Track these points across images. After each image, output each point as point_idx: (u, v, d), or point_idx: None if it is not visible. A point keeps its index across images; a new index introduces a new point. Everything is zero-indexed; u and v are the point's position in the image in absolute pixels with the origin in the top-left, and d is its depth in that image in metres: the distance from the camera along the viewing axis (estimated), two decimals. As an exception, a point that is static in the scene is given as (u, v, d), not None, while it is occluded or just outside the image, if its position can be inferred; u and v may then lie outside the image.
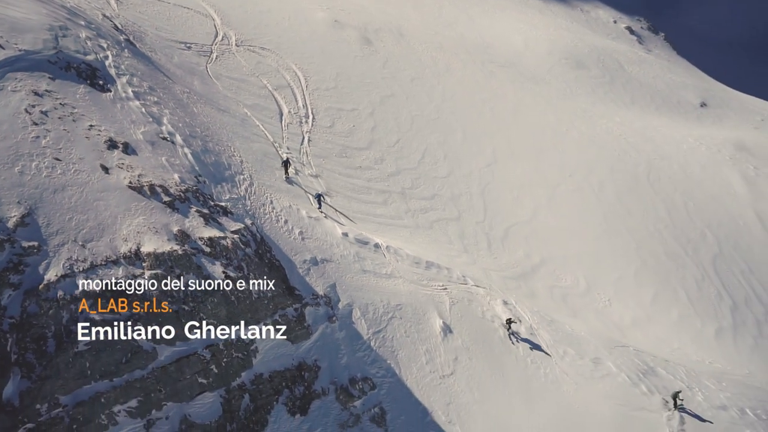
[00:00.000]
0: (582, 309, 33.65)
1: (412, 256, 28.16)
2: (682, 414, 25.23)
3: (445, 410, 23.63)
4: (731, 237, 44.27)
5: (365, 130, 39.85)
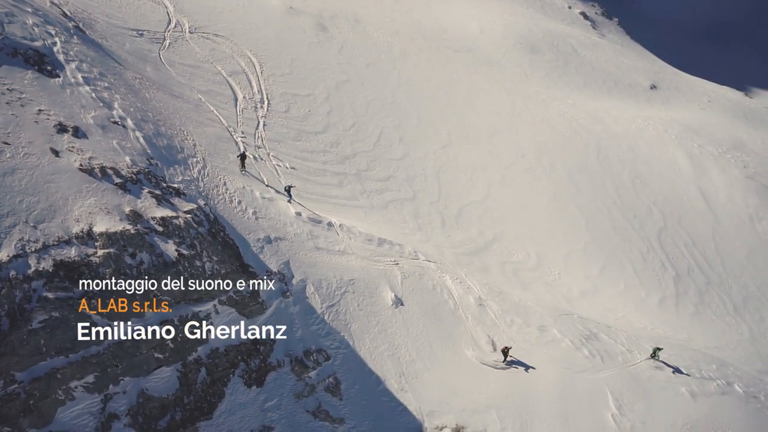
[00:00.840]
0: (532, 282, 35.08)
1: (365, 234, 29.10)
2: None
3: (397, 378, 24.71)
4: (676, 212, 46.31)
5: (321, 114, 40.52)
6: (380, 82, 48.13)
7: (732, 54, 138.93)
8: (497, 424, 24.35)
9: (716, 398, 27.79)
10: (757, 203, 49.30)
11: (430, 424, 24.06)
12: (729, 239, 45.72)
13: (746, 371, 31.61)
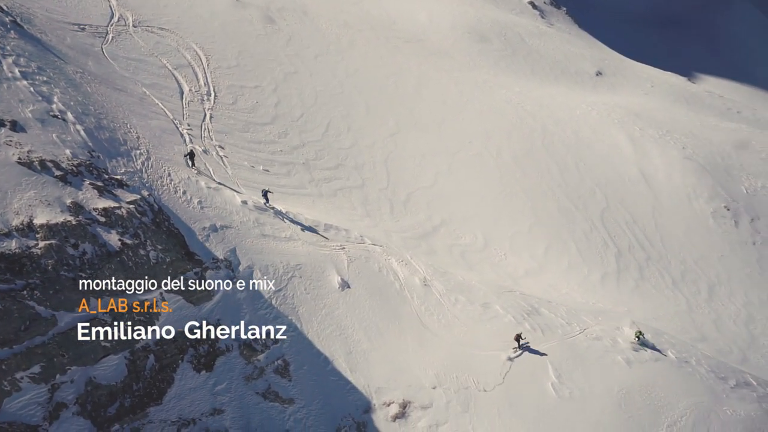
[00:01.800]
0: (479, 263, 36.27)
1: (311, 220, 29.78)
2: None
3: (345, 358, 25.54)
4: (618, 192, 48.15)
5: (269, 106, 40.91)
6: (329, 73, 48.67)
7: (677, 41, 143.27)
8: (443, 398, 25.42)
9: (650, 365, 29.34)
10: (695, 182, 51.53)
11: (378, 401, 24.98)
12: (668, 217, 47.76)
13: (680, 339, 33.38)
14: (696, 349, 32.70)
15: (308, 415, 24.11)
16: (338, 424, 24.37)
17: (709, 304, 41.36)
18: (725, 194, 51.75)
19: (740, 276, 45.10)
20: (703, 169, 53.66)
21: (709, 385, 29.22)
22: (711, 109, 76.28)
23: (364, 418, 24.72)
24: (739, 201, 51.82)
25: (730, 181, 54.12)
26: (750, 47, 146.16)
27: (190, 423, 22.35)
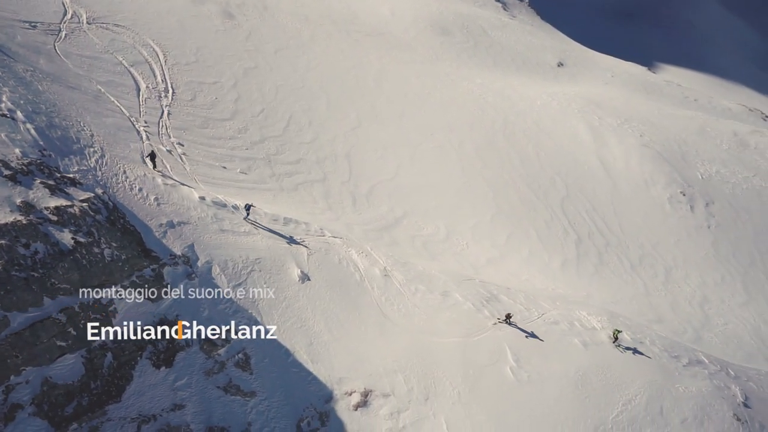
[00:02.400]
0: (441, 253, 36.77)
1: (270, 214, 29.86)
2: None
3: (306, 350, 25.74)
4: (578, 181, 49.20)
5: (228, 101, 40.76)
6: (289, 67, 48.65)
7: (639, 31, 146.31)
8: (404, 386, 25.83)
9: (606, 346, 30.25)
10: (652, 169, 52.91)
11: (340, 391, 25.26)
12: (626, 203, 48.99)
13: (635, 321, 34.42)
14: (651, 330, 33.76)
15: (270, 407, 24.25)
16: (300, 414, 24.57)
17: (665, 287, 42.60)
18: (681, 180, 53.26)
19: (696, 259, 46.53)
20: (660, 156, 55.10)
21: (662, 364, 30.23)
22: (669, 98, 78.17)
23: (326, 408, 24.97)
24: (695, 186, 53.39)
25: (686, 167, 55.69)
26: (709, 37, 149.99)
27: (151, 419, 22.33)
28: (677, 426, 27.20)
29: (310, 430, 24.54)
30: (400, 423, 24.92)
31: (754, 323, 42.06)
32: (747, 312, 43.07)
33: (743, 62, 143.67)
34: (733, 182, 56.37)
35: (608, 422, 26.30)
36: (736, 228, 51.21)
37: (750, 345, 39.42)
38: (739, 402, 29.75)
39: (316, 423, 24.74)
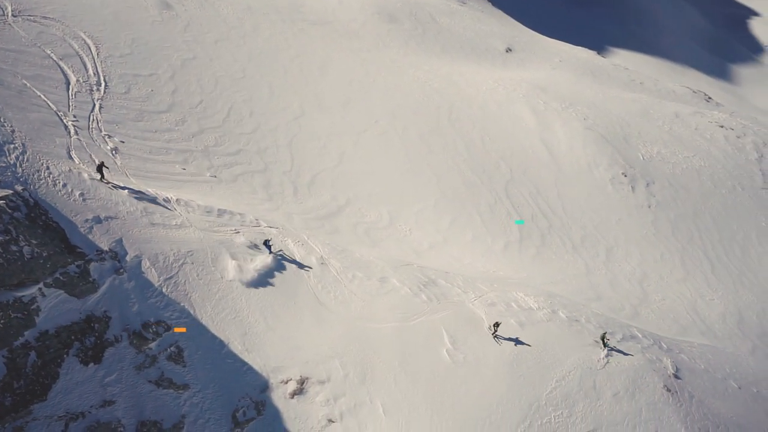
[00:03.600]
0: (383, 240, 37.02)
1: (203, 206, 29.62)
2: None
3: (241, 340, 25.76)
4: (522, 164, 49.96)
5: (165, 93, 40.06)
6: (230, 57, 48.05)
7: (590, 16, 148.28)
8: (340, 371, 26.10)
9: (542, 325, 31.00)
10: (595, 151, 54.01)
11: (276, 379, 25.40)
12: (569, 186, 49.95)
13: (573, 300, 35.30)
14: (587, 309, 34.69)
15: (204, 399, 24.26)
16: (236, 405, 24.62)
17: (606, 266, 43.68)
18: (623, 162, 54.53)
19: (636, 237, 47.79)
20: (602, 139, 56.27)
21: (597, 340, 31.08)
22: (615, 81, 79.68)
23: (262, 397, 25.08)
24: (636, 167, 54.73)
25: (628, 148, 57.01)
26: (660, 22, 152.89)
27: (79, 416, 22.10)
28: (609, 399, 28.09)
29: (245, 419, 24.64)
30: (337, 409, 25.21)
31: (691, 298, 43.48)
32: (684, 287, 44.47)
33: (692, 46, 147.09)
34: (673, 162, 57.93)
35: (542, 399, 27.04)
36: (675, 207, 52.72)
37: (685, 319, 40.76)
38: (669, 374, 30.85)
39: (252, 412, 24.85)
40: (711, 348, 37.59)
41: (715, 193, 56.65)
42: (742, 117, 79.54)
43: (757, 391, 34.66)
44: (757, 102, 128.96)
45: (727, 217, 54.12)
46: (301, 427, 24.63)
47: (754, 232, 53.78)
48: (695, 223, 51.98)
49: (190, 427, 23.74)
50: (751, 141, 67.61)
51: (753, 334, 41.89)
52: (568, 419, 26.74)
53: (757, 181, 60.77)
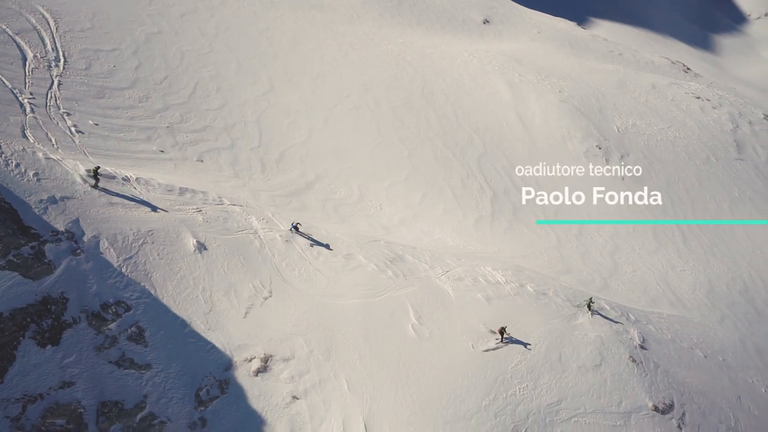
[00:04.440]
0: (352, 216, 36.79)
1: (164, 185, 29.15)
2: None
3: (204, 319, 25.58)
4: (495, 138, 49.73)
5: (128, 69, 39.12)
6: (196, 31, 46.98)
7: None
8: (304, 348, 26.08)
9: (510, 299, 31.13)
10: (569, 123, 53.89)
11: (239, 358, 25.33)
12: (544, 159, 49.84)
13: (541, 273, 35.45)
14: (555, 282, 34.85)
15: (167, 379, 24.16)
16: (199, 384, 24.56)
17: (578, 239, 43.85)
18: (598, 134, 54.52)
19: (609, 210, 47.95)
20: (577, 111, 56.14)
21: (564, 313, 31.31)
22: (593, 53, 79.44)
23: (225, 375, 25.04)
24: (611, 140, 54.76)
25: (603, 121, 56.98)
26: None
27: (37, 398, 21.91)
28: (574, 371, 28.34)
29: (209, 398, 24.61)
30: (301, 385, 25.25)
31: (662, 269, 43.86)
32: (656, 259, 44.84)
33: (675, 16, 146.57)
34: (648, 134, 58.02)
35: (507, 372, 27.20)
36: (649, 178, 52.92)
37: (656, 290, 41.14)
38: (636, 345, 31.17)
39: (215, 391, 24.81)
40: (679, 318, 38.03)
41: (690, 164, 56.94)
42: (720, 88, 79.84)
43: (723, 359, 35.22)
44: (738, 72, 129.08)
45: (700, 189, 54.52)
46: (265, 405, 24.65)
47: (726, 202, 54.26)
48: (669, 194, 52.25)
49: (152, 407, 23.67)
50: (727, 112, 67.91)
51: (722, 304, 42.42)
52: (533, 391, 26.95)
53: (731, 152, 61.17)
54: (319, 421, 24.62)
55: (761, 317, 42.77)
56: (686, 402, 29.79)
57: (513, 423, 25.76)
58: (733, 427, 30.25)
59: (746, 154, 61.80)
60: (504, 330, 28.43)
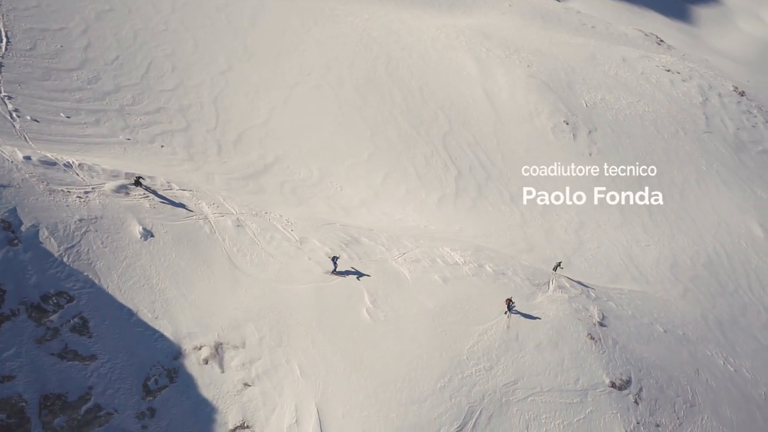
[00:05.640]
0: (311, 197, 36.23)
1: (109, 171, 28.26)
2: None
3: (150, 308, 25.01)
4: (461, 114, 49.18)
5: (76, 49, 37.75)
6: (151, 9, 45.44)
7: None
8: (255, 335, 25.68)
9: (467, 279, 30.96)
10: (537, 99, 53.46)
11: (189, 346, 24.86)
12: (510, 135, 49.53)
13: (501, 253, 35.29)
14: (515, 261, 34.72)
15: (113, 369, 23.67)
16: (147, 373, 24.11)
17: (543, 216, 43.77)
18: (566, 109, 54.19)
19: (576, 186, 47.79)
20: (545, 86, 55.67)
21: (522, 292, 31.24)
22: (565, 26, 78.72)
23: (174, 364, 24.61)
24: (579, 115, 54.47)
25: (572, 95, 56.61)
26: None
27: (-26, 394, 21.41)
28: (532, 350, 28.36)
29: (157, 388, 24.19)
30: (253, 372, 24.93)
31: (626, 244, 44.01)
32: (621, 234, 44.96)
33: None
34: (617, 108, 57.84)
35: (463, 353, 27.11)
36: (617, 153, 52.88)
37: (619, 266, 41.29)
38: (595, 322, 31.27)
39: (164, 380, 24.38)
40: (641, 294, 38.23)
41: (658, 138, 56.94)
42: (693, 60, 79.79)
43: (683, 333, 35.56)
44: (714, 43, 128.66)
45: (668, 162, 54.59)
46: (216, 393, 24.34)
47: (693, 176, 54.45)
48: (636, 168, 52.23)
49: (98, 398, 23.21)
50: (697, 84, 67.89)
51: (685, 278, 42.74)
52: (489, 372, 26.92)
53: (700, 125, 61.27)
54: (272, 407, 24.40)
55: (724, 290, 43.20)
56: (644, 377, 30.02)
57: (468, 404, 25.74)
58: (690, 400, 30.56)
59: (715, 126, 61.95)
60: (510, 301, 29.12)
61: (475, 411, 25.58)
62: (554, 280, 33.32)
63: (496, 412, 26.01)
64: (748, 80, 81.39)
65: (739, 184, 55.20)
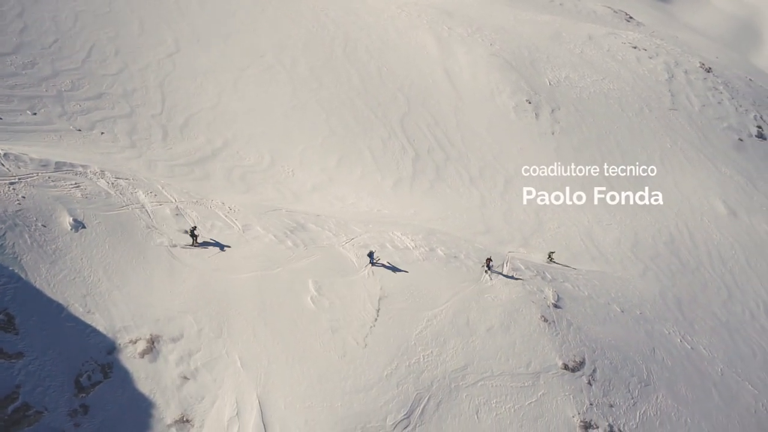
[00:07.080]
0: (260, 184, 35.29)
1: (38, 160, 27.10)
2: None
3: (82, 302, 24.07)
4: (421, 95, 48.29)
5: (11, 33, 36.14)
6: (93, -11, 43.97)
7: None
8: (194, 327, 24.87)
9: (418, 264, 30.37)
10: (498, 78, 52.70)
11: (123, 340, 23.99)
12: (470, 115, 48.77)
13: (454, 236, 34.71)
14: (468, 244, 34.16)
15: (42, 366, 22.75)
16: (79, 369, 23.26)
17: (503, 197, 43.20)
18: (528, 88, 53.51)
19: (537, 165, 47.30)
20: (508, 65, 54.90)
21: (474, 276, 30.75)
22: (532, 3, 77.92)
23: (108, 359, 23.76)
24: (541, 93, 53.85)
25: (535, 74, 55.93)
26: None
27: None
28: (483, 334, 27.91)
29: (91, 384, 23.34)
30: (192, 365, 24.17)
31: (588, 224, 43.65)
32: (582, 213, 44.57)
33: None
34: (581, 86, 57.30)
35: (411, 339, 26.58)
36: (580, 132, 52.45)
37: (578, 246, 40.90)
38: (549, 304, 30.90)
39: (97, 376, 23.53)
40: (599, 274, 37.95)
41: (622, 116, 56.58)
42: (661, 36, 79.34)
43: (641, 313, 35.38)
44: (687, 19, 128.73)
45: (632, 140, 54.27)
46: (153, 387, 23.55)
47: (657, 153, 54.19)
48: (599, 147, 51.91)
49: (26, 397, 22.31)
50: (663, 61, 67.49)
51: (646, 257, 42.52)
52: (438, 357, 26.46)
53: (666, 102, 60.97)
54: (212, 400, 23.72)
55: (685, 268, 43.07)
56: (598, 358, 29.77)
57: (416, 391, 25.26)
58: (645, 379, 30.39)
59: (680, 103, 61.67)
60: (489, 260, 29.93)
61: (423, 398, 25.12)
62: (508, 263, 32.88)
63: (445, 398, 25.56)
64: (716, 56, 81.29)
65: (703, 161, 55.08)
